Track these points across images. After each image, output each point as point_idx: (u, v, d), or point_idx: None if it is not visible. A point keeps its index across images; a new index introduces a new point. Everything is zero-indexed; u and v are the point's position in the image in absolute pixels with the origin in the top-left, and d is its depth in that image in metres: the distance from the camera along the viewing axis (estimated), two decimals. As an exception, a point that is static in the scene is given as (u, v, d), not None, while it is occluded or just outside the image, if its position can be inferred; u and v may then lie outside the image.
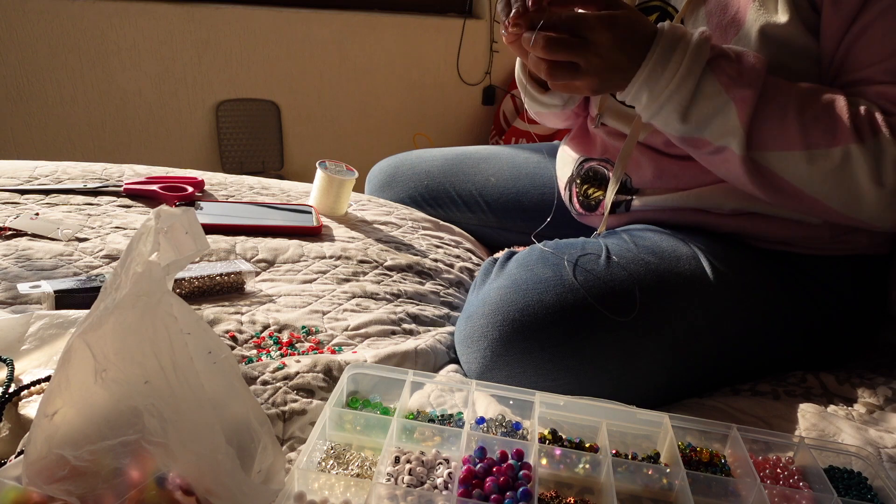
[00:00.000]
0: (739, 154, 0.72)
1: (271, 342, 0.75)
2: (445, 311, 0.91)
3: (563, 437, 0.64)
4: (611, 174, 0.92)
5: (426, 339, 0.81)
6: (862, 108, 0.71)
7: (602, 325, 0.72)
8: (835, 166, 0.70)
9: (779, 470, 0.62)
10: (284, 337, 0.77)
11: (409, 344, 0.78)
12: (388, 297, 0.90)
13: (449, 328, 0.86)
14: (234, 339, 0.75)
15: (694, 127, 0.74)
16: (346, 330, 0.80)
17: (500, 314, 0.74)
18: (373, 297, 0.89)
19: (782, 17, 0.75)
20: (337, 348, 0.76)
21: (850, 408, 0.75)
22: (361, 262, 0.97)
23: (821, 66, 0.78)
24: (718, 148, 0.74)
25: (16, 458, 0.51)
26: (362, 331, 0.81)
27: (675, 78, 0.71)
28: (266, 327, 0.78)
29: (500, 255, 0.87)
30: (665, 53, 0.71)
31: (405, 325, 0.84)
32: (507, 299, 0.74)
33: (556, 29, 0.71)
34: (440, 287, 0.97)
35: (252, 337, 0.76)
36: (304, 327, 0.79)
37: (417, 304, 0.90)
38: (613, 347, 0.72)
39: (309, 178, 1.19)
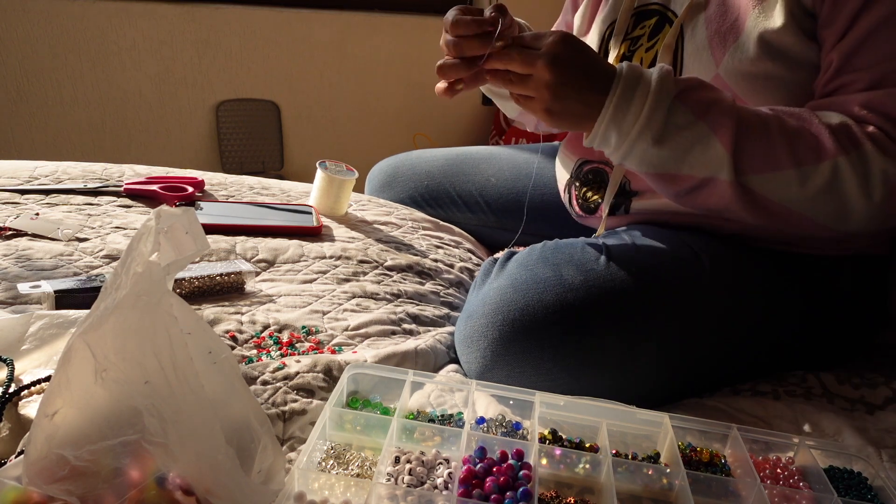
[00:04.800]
0: (729, 180, 0.71)
1: (271, 342, 0.75)
2: (445, 311, 0.91)
3: (563, 437, 0.64)
4: (609, 177, 0.91)
5: (426, 339, 0.81)
6: (834, 121, 0.71)
7: (602, 325, 0.72)
8: (825, 182, 0.70)
9: (779, 470, 0.62)
10: (284, 337, 0.77)
11: (409, 344, 0.78)
12: (388, 297, 0.90)
13: (449, 328, 0.86)
14: (234, 339, 0.75)
15: (672, 160, 0.72)
16: (346, 330, 0.80)
17: (500, 314, 0.74)
18: (373, 297, 0.89)
19: (777, 21, 0.74)
20: (337, 348, 0.76)
21: (850, 408, 0.75)
22: (361, 262, 0.97)
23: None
24: (703, 181, 0.72)
25: (16, 458, 0.51)
26: (362, 331, 0.81)
27: (644, 112, 0.70)
28: (266, 327, 0.78)
29: (500, 255, 0.87)
30: (627, 90, 0.70)
31: (405, 325, 0.84)
32: (507, 299, 0.74)
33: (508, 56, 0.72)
34: (440, 287, 0.97)
35: (252, 337, 0.76)
36: (304, 327, 0.79)
37: (417, 304, 0.90)
38: (613, 347, 0.72)
39: (309, 178, 1.19)
